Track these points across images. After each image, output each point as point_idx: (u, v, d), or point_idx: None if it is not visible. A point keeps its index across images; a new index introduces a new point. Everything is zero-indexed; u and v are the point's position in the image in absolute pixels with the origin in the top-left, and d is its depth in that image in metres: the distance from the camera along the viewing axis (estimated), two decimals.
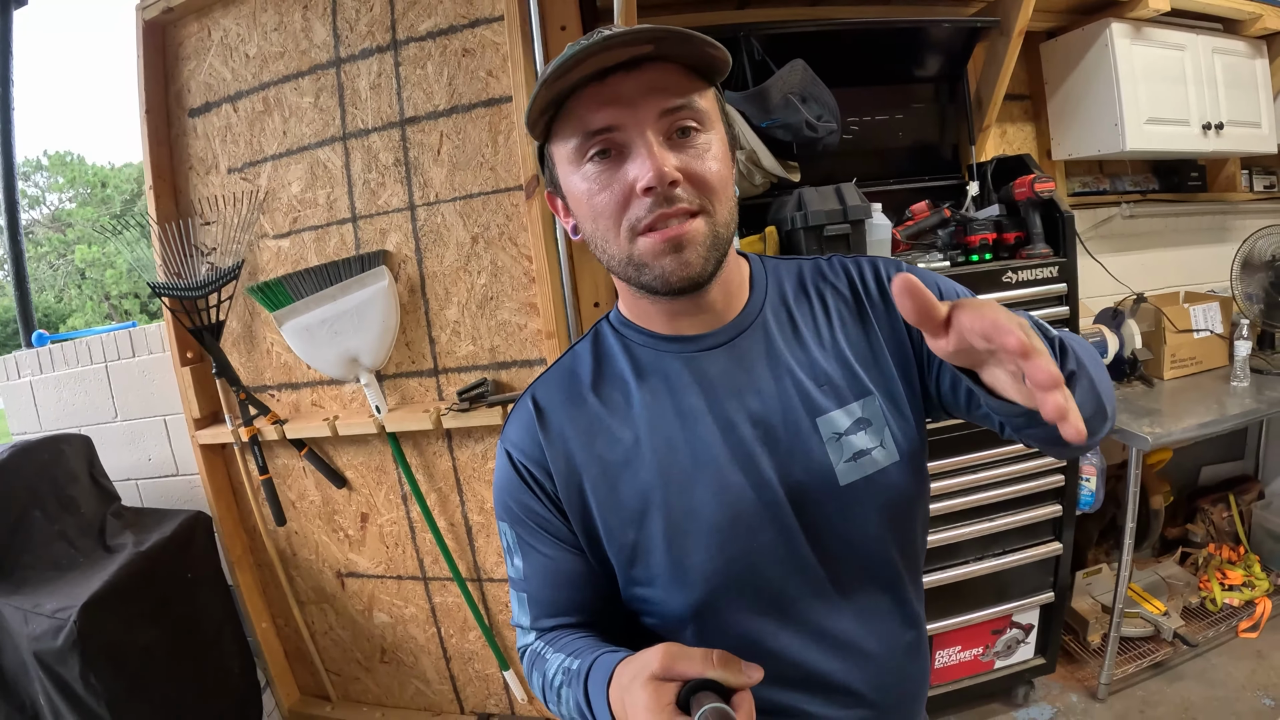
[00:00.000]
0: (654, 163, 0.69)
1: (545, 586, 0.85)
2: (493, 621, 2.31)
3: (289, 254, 2.14)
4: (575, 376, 0.86)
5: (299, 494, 2.30)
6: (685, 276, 0.74)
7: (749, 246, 1.97)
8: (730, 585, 0.79)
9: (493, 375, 2.14)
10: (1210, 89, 2.57)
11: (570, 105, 0.72)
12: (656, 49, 0.70)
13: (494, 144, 2.01)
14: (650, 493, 0.79)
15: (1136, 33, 2.41)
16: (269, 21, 2.06)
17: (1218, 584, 2.67)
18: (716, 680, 0.59)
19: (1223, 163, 2.97)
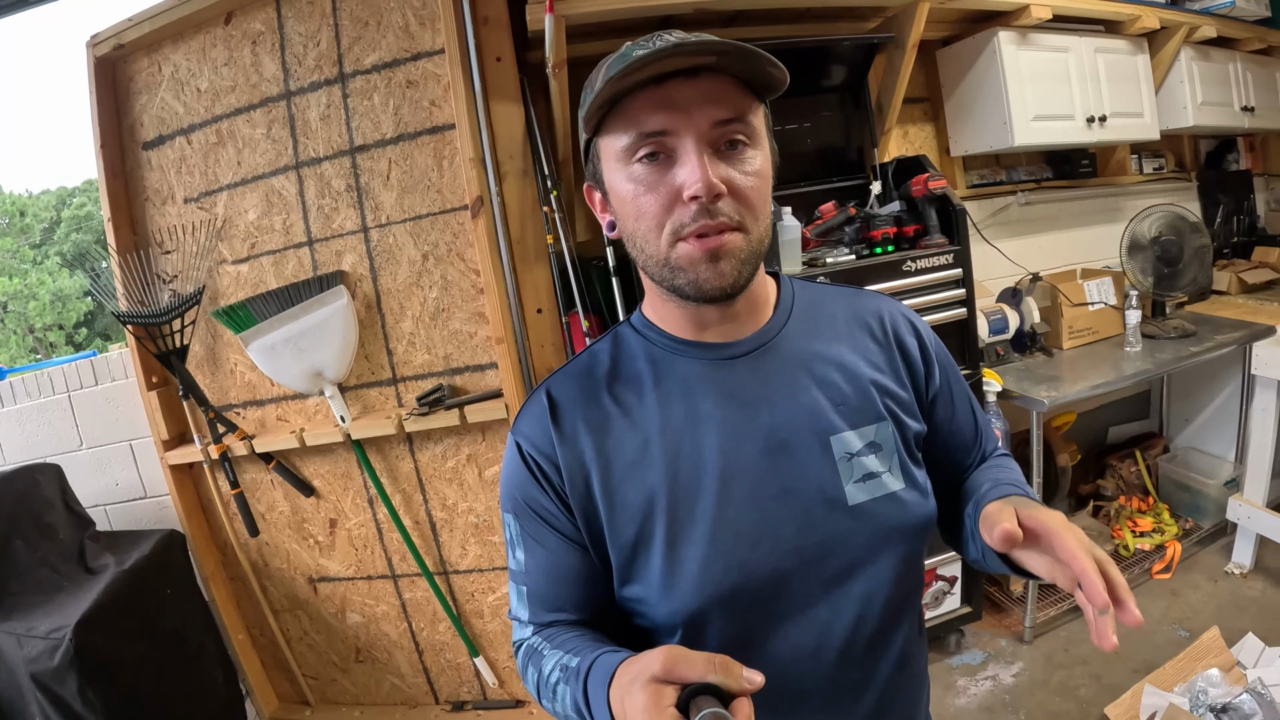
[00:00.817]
0: (703, 173, 0.70)
1: (546, 581, 0.85)
2: (460, 611, 2.46)
3: (248, 278, 2.27)
4: (592, 374, 0.87)
5: (268, 506, 2.42)
6: (719, 286, 0.75)
7: None
8: (724, 593, 0.79)
9: (448, 381, 2.30)
10: (1094, 85, 2.84)
11: (625, 104, 0.73)
12: (719, 60, 0.71)
13: (439, 168, 2.17)
14: (655, 494, 0.80)
15: (1022, 39, 2.67)
16: (219, 57, 2.18)
17: (1129, 532, 2.96)
18: (717, 684, 0.58)
19: (1113, 149, 3.27)
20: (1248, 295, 3.37)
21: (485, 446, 2.33)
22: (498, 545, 2.41)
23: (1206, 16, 3.07)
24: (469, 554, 2.42)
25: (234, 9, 2.17)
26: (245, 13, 2.17)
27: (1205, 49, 3.17)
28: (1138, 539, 2.93)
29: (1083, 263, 3.24)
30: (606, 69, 0.74)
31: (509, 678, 2.53)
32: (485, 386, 2.29)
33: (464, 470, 2.36)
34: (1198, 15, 3.06)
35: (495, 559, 2.42)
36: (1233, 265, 3.49)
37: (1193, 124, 3.10)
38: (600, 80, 0.73)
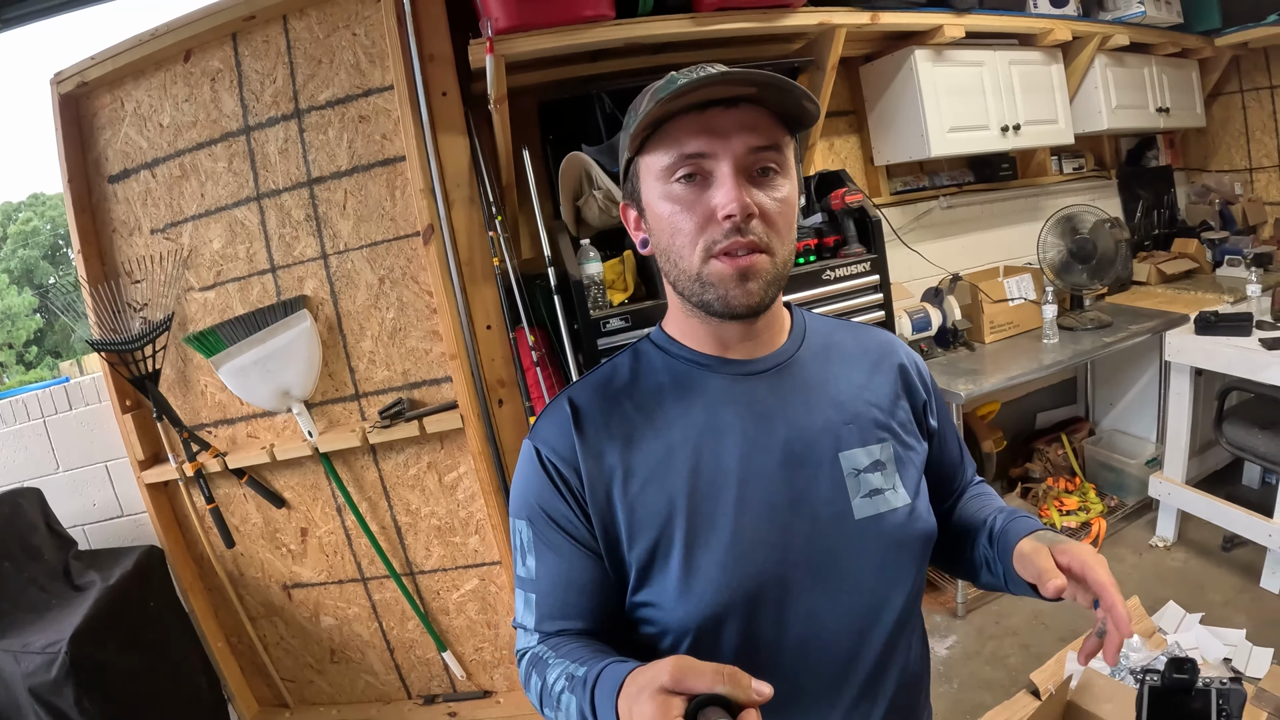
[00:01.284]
0: (738, 194, 0.75)
1: (555, 588, 0.86)
2: (428, 609, 2.61)
3: (215, 304, 2.40)
4: (612, 385, 0.90)
5: (242, 518, 2.56)
6: (746, 303, 0.80)
7: (610, 269, 2.33)
8: (738, 598, 0.81)
9: (407, 394, 2.45)
10: (1008, 96, 3.02)
11: (668, 127, 0.78)
12: (758, 92, 0.76)
13: (392, 198, 2.32)
14: (676, 499, 0.82)
15: (937, 55, 2.84)
16: (179, 93, 2.30)
17: (1056, 510, 3.16)
18: (725, 696, 0.59)
19: (1033, 152, 3.45)
20: (1166, 285, 3.58)
21: (444, 454, 2.49)
22: (459, 546, 2.57)
23: (1119, 26, 3.25)
24: (433, 555, 2.58)
25: (193, 47, 2.28)
26: (203, 51, 2.29)
27: (1120, 55, 3.35)
28: (1064, 517, 3.13)
29: (1005, 261, 3.44)
30: (654, 93, 0.79)
31: (476, 670, 2.69)
32: (441, 399, 2.44)
33: (425, 477, 2.51)
34: (1110, 25, 3.24)
35: (458, 558, 2.58)
36: (1152, 257, 3.70)
37: (1107, 127, 3.29)
38: (646, 103, 0.79)
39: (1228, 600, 2.75)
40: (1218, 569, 2.94)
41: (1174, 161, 4.10)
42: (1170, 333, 3.03)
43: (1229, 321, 2.91)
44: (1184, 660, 1.09)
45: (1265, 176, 3.86)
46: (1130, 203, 3.89)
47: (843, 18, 2.53)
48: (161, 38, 2.21)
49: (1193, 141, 4.17)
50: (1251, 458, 2.93)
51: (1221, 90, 3.93)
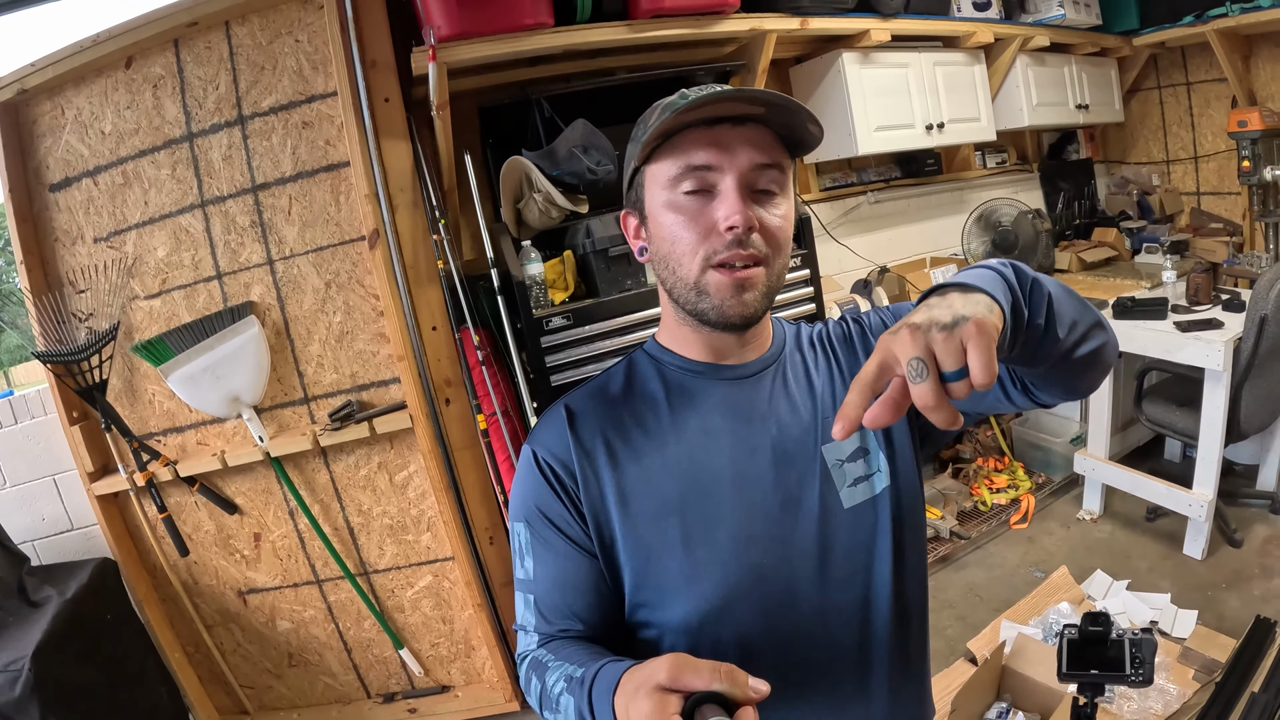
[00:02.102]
0: (741, 207, 0.78)
1: (554, 589, 0.88)
2: (383, 608, 2.65)
3: (161, 312, 2.41)
4: (607, 392, 0.93)
5: (194, 526, 2.56)
6: (741, 314, 0.83)
7: (551, 269, 2.40)
8: (737, 596, 0.84)
9: (356, 397, 2.49)
10: (932, 96, 3.15)
11: (677, 139, 0.81)
12: (766, 112, 0.79)
13: (337, 203, 2.36)
14: (670, 503, 0.85)
15: (864, 58, 2.96)
16: (121, 100, 2.29)
17: (986, 489, 3.31)
18: (722, 693, 0.59)
19: (957, 148, 3.59)
20: (1087, 272, 3.75)
21: (394, 454, 2.54)
22: (412, 544, 2.61)
23: (1040, 28, 3.41)
24: (386, 554, 2.62)
25: (134, 54, 2.27)
26: (145, 57, 2.28)
27: (1041, 55, 3.50)
28: (994, 495, 3.28)
29: (931, 252, 3.59)
30: (665, 106, 0.82)
31: (434, 665, 2.74)
32: (390, 400, 2.48)
33: (376, 477, 2.55)
34: (1031, 27, 3.40)
35: (411, 556, 2.62)
36: (1073, 246, 3.87)
37: (1028, 124, 3.45)
38: (658, 115, 0.82)
39: (1153, 567, 2.92)
40: (1142, 538, 3.11)
41: (1094, 155, 4.28)
42: None
43: (1146, 306, 3.08)
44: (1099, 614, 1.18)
45: (1181, 168, 4.05)
46: (1052, 194, 4.07)
47: (773, 23, 2.63)
48: (103, 44, 2.20)
49: (1112, 136, 4.36)
50: (1170, 433, 3.11)
51: (1139, 87, 4.12)
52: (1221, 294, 3.12)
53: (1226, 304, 3.02)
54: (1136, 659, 1.14)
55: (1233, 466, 3.33)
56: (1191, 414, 2.93)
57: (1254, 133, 3.17)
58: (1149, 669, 1.12)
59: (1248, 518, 3.09)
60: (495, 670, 2.71)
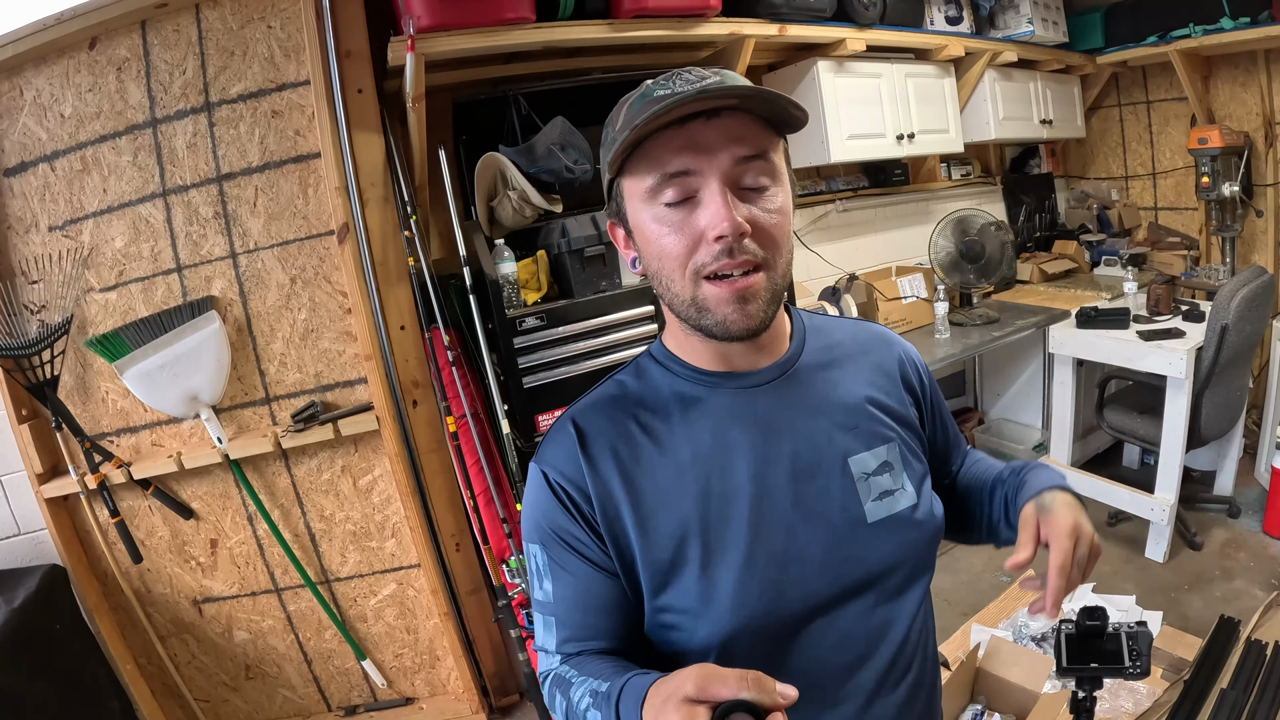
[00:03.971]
0: (728, 213, 0.72)
1: (575, 610, 0.85)
2: (345, 618, 2.56)
3: (117, 306, 2.31)
4: (617, 404, 0.88)
5: (148, 532, 2.44)
6: (746, 327, 0.77)
7: (524, 269, 2.36)
8: (759, 614, 0.80)
9: (320, 397, 2.41)
10: (904, 106, 3.19)
11: (647, 145, 0.74)
12: (741, 101, 0.72)
13: (305, 195, 2.29)
14: (689, 520, 0.81)
15: (839, 67, 2.99)
16: (83, 83, 2.19)
17: None
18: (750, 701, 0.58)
19: (924, 159, 3.64)
20: (1048, 283, 3.84)
21: (358, 458, 2.46)
22: (376, 550, 2.54)
23: (1009, 43, 3.48)
24: (349, 561, 2.54)
25: (99, 34, 2.17)
26: (110, 39, 2.18)
27: (1008, 70, 3.58)
28: None
29: (898, 261, 3.64)
30: (628, 110, 0.76)
31: (397, 677, 2.65)
32: (355, 401, 2.41)
33: (339, 481, 2.47)
34: (1000, 42, 3.47)
35: (374, 564, 2.54)
36: (1035, 258, 3.96)
37: (995, 137, 3.52)
38: (622, 121, 0.75)
39: (1116, 570, 2.98)
40: (1105, 542, 3.03)
41: (1055, 169, 4.40)
42: (1053, 327, 3.26)
43: (1108, 316, 3.15)
44: (1095, 609, 1.18)
45: (1140, 184, 4.17)
46: (1014, 207, 4.16)
47: (753, 29, 2.64)
48: (67, 23, 2.09)
49: (1072, 151, 4.47)
50: (1131, 439, 3.18)
51: (1101, 104, 4.23)
52: (1181, 305, 3.20)
53: (1186, 314, 3.10)
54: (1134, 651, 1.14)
55: (1190, 472, 3.40)
56: (1152, 421, 3.01)
57: (1214, 150, 3.28)
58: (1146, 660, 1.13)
59: (1206, 521, 3.17)
60: (461, 681, 2.63)
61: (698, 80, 0.74)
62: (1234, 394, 3.01)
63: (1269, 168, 3.49)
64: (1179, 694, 2.09)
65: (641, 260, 0.83)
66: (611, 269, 2.41)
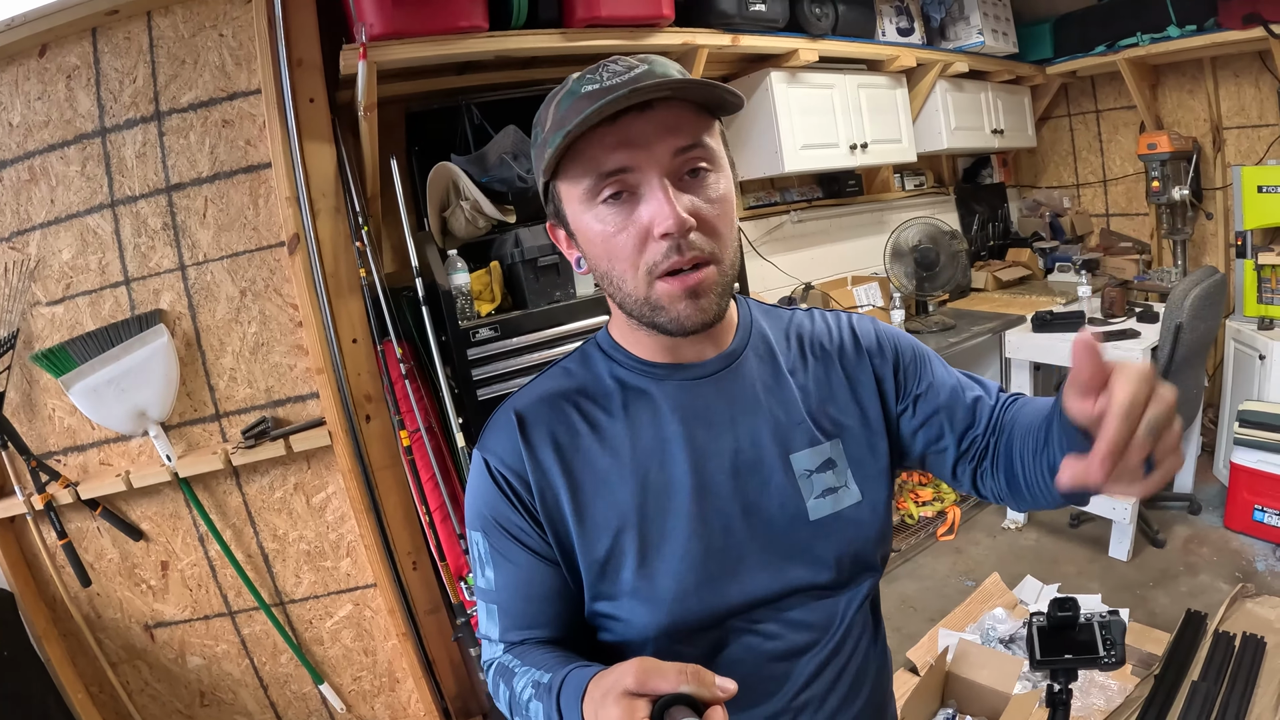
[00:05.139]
0: (671, 209, 0.70)
1: (516, 598, 0.85)
2: (301, 640, 2.49)
3: (64, 320, 2.25)
4: (560, 392, 0.87)
5: (96, 554, 2.37)
6: (700, 321, 0.77)
7: (478, 280, 2.34)
8: (696, 608, 0.80)
9: (271, 413, 2.36)
10: (856, 116, 3.23)
11: (580, 145, 0.72)
12: (673, 92, 0.71)
13: (255, 206, 2.25)
14: (626, 512, 0.81)
15: (792, 78, 3.02)
16: (32, 90, 2.14)
17: (912, 503, 3.34)
18: (690, 694, 0.59)
19: (877, 169, 3.69)
20: (1002, 290, 3.90)
21: (311, 474, 2.40)
22: (331, 570, 2.47)
23: (960, 54, 3.55)
24: (304, 582, 2.47)
25: (49, 41, 2.14)
26: (60, 46, 2.15)
27: (959, 81, 3.65)
28: (920, 508, 3.31)
29: (853, 271, 3.67)
30: (556, 110, 0.74)
31: (356, 701, 2.58)
32: (307, 416, 2.36)
33: (292, 499, 2.41)
34: (951, 53, 3.54)
35: (330, 584, 2.48)
36: (989, 265, 4.03)
37: (947, 147, 3.57)
38: (551, 121, 0.73)
39: (1081, 570, 3.00)
40: (1068, 544, 3.20)
41: (1007, 179, 4.48)
42: (1010, 332, 3.30)
43: (1064, 319, 3.19)
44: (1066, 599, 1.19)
45: (1091, 191, 4.25)
46: (967, 216, 4.24)
47: (705, 39, 2.67)
48: (17, 29, 2.06)
49: (1024, 161, 4.57)
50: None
51: (1050, 114, 4.33)
52: (1135, 307, 3.25)
53: (1140, 316, 3.15)
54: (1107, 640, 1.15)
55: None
56: None
57: (1163, 154, 3.35)
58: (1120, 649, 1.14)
59: (1168, 519, 3.21)
60: (422, 704, 2.57)
61: (625, 71, 0.72)
62: (1191, 392, 3.05)
63: (1217, 171, 3.58)
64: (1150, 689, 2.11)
65: (587, 260, 0.81)
66: (565, 279, 2.41)
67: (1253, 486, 2.95)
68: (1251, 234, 3.16)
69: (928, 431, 0.90)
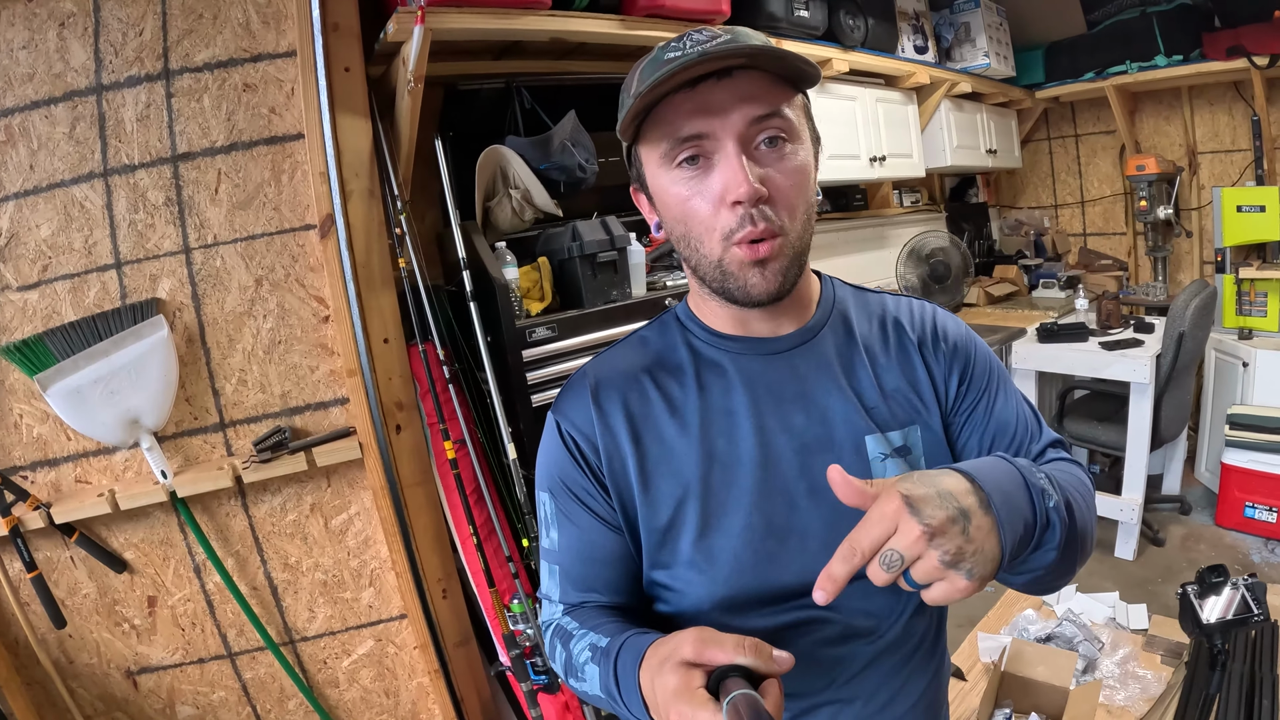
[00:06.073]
0: (743, 176, 0.70)
1: (578, 561, 0.85)
2: (312, 683, 2.17)
3: (38, 308, 1.87)
4: (636, 360, 0.88)
5: (69, 589, 1.97)
6: (767, 291, 0.76)
7: (525, 277, 2.15)
8: (752, 584, 0.79)
9: (286, 422, 2.06)
10: (874, 129, 3.23)
11: (660, 110, 0.73)
12: (750, 60, 0.71)
13: (278, 183, 1.96)
14: (690, 482, 0.81)
15: (821, 88, 2.98)
16: (16, 38, 1.80)
17: None
18: (747, 666, 0.59)
19: (879, 185, 3.70)
20: (994, 305, 3.98)
21: (332, 493, 2.11)
22: (350, 602, 2.17)
23: (965, 75, 3.63)
24: (318, 617, 2.15)
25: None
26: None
27: (960, 101, 3.74)
28: None
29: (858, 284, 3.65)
30: (640, 75, 0.74)
31: None
32: (329, 425, 2.07)
33: (308, 522, 2.10)
34: (959, 74, 3.61)
35: (349, 618, 2.18)
36: (979, 281, 4.11)
37: (950, 164, 3.62)
38: (635, 86, 0.74)
39: (1091, 571, 3.08)
40: None
41: (989, 199, 4.62)
42: (1016, 342, 3.36)
43: (1068, 330, 3.29)
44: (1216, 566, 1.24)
45: (1069, 212, 4.43)
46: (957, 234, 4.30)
47: None
48: None
49: (1004, 181, 4.73)
50: (1093, 446, 3.33)
51: (1031, 138, 4.51)
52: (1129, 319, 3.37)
53: (1136, 327, 3.26)
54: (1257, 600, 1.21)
55: None
56: (1112, 428, 3.17)
57: (1150, 175, 3.51)
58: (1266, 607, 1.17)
59: (1162, 520, 3.36)
60: None
61: (708, 40, 0.72)
62: (1185, 396, 3.24)
63: (1193, 193, 3.78)
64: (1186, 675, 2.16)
65: (665, 225, 0.82)
66: (623, 277, 2.23)
67: (1244, 485, 3.15)
68: (1230, 250, 3.34)
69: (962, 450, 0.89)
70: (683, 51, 0.70)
